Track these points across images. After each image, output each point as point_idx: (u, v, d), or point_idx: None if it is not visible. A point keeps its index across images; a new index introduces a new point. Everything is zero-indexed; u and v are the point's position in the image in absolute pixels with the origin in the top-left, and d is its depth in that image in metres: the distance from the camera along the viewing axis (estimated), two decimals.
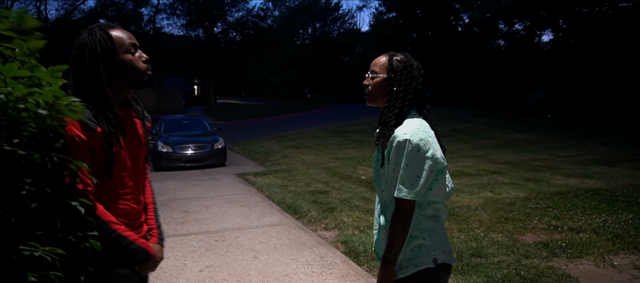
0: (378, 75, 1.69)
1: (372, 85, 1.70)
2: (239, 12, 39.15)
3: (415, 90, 1.66)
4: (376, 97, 1.71)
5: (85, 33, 1.46)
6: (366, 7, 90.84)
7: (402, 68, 1.67)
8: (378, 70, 1.70)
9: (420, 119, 1.64)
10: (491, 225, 4.96)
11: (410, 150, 1.54)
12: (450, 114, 22.28)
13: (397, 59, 1.70)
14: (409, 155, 1.54)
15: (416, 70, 1.68)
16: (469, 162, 10.18)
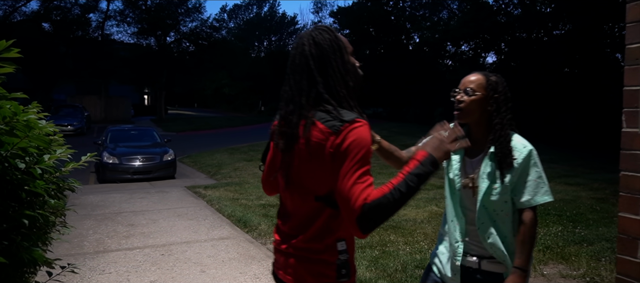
0: (475, 93, 1.76)
1: (469, 102, 1.76)
2: (193, 22, 38.61)
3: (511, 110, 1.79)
4: (471, 113, 1.77)
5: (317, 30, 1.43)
6: (321, 22, 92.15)
7: (503, 88, 1.78)
8: (475, 87, 1.76)
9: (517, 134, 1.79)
10: (435, 238, 5.18)
11: (537, 158, 1.72)
12: (401, 130, 22.96)
13: (494, 79, 1.80)
14: (538, 162, 1.72)
15: (510, 91, 1.81)
16: None
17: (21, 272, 1.35)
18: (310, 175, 1.28)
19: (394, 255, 4.53)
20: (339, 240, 1.30)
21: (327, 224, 1.29)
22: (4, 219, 1.20)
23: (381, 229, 5.53)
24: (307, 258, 1.31)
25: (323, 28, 1.40)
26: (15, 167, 1.40)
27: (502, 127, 1.73)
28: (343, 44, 1.38)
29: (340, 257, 1.29)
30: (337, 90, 1.31)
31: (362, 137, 1.21)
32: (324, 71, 1.32)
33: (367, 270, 4.13)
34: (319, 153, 1.25)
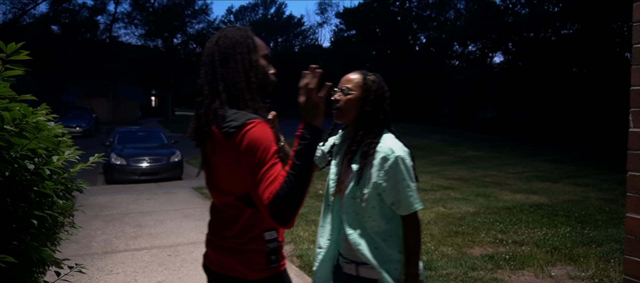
0: (351, 92, 1.70)
1: (345, 101, 1.70)
2: (199, 24, 38.78)
3: (387, 111, 1.74)
4: (348, 113, 1.71)
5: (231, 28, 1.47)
6: (327, 23, 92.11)
7: (377, 88, 1.72)
8: (352, 86, 1.71)
9: (390, 134, 1.71)
10: (442, 239, 5.16)
11: (404, 165, 1.61)
12: (408, 130, 22.88)
13: (372, 78, 1.74)
14: (405, 170, 1.61)
15: (387, 91, 1.76)
16: (424, 178, 10.50)
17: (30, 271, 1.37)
18: (226, 177, 1.33)
19: None
20: (266, 230, 1.37)
21: (251, 220, 1.35)
22: (13, 219, 1.22)
23: None
24: (236, 250, 1.37)
25: (238, 27, 1.44)
26: (25, 168, 1.42)
27: (370, 128, 1.68)
28: (254, 43, 1.41)
29: (269, 245, 1.37)
30: (235, 83, 1.34)
31: (255, 138, 1.23)
32: (225, 64, 1.36)
33: None
34: (223, 158, 1.31)
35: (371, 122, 1.69)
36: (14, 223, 1.21)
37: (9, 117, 1.28)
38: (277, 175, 1.20)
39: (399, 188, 1.60)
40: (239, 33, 1.42)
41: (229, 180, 1.34)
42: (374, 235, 1.67)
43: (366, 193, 1.64)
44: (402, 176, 1.61)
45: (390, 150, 1.62)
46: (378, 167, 1.62)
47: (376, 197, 1.65)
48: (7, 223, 1.20)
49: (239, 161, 1.26)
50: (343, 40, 39.76)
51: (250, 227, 1.36)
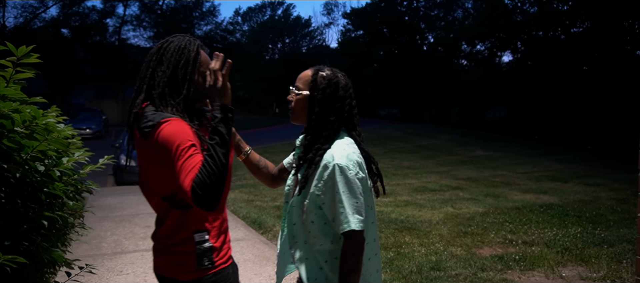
0: (301, 91, 1.54)
1: (295, 101, 1.55)
2: (207, 26, 38.98)
3: (340, 111, 1.51)
4: (299, 115, 1.55)
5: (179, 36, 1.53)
6: (334, 24, 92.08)
7: (327, 86, 1.51)
8: (302, 85, 1.54)
9: (348, 139, 1.51)
10: (451, 239, 5.13)
11: (342, 175, 1.40)
12: (416, 131, 22.81)
13: (323, 74, 1.54)
14: (344, 181, 1.39)
15: (343, 89, 1.53)
16: (432, 178, 10.45)
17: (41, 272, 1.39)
18: (152, 177, 1.36)
19: (409, 257, 4.50)
20: (196, 231, 1.36)
21: (179, 221, 1.35)
22: (24, 220, 1.24)
23: (396, 231, 5.50)
24: (167, 251, 1.38)
25: (190, 38, 1.48)
26: (35, 170, 1.44)
27: (318, 132, 1.50)
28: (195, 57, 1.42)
29: (200, 247, 1.35)
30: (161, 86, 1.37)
31: (170, 133, 1.26)
32: (157, 67, 1.41)
33: (382, 271, 4.11)
34: (146, 158, 1.34)
35: (319, 125, 1.50)
36: (25, 224, 1.23)
37: (20, 119, 1.30)
38: (196, 164, 1.20)
39: (335, 202, 1.40)
40: (184, 42, 1.45)
41: (154, 179, 1.35)
42: (316, 254, 1.49)
43: (306, 205, 1.47)
44: (338, 188, 1.39)
45: (331, 157, 1.42)
46: (317, 176, 1.44)
47: (315, 211, 1.47)
48: (18, 224, 1.21)
49: (161, 160, 1.27)
50: (350, 41, 39.77)
51: (179, 228, 1.35)
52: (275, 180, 1.81)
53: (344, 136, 1.51)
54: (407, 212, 6.61)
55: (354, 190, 1.40)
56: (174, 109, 1.35)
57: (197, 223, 1.36)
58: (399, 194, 8.25)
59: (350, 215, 1.37)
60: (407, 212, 6.66)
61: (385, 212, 6.66)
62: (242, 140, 1.74)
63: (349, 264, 1.39)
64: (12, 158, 1.35)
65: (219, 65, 1.32)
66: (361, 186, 1.42)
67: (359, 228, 1.38)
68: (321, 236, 1.47)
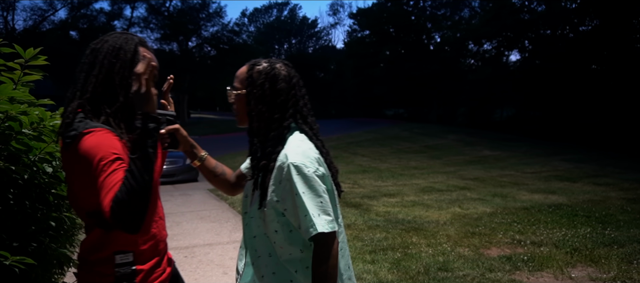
0: (238, 90, 1.39)
1: (235, 103, 1.40)
2: (214, 27, 39.13)
3: (284, 106, 1.35)
4: (243, 116, 1.39)
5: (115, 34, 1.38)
6: (340, 24, 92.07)
7: (264, 81, 1.35)
8: (238, 84, 1.39)
9: (300, 135, 1.35)
10: (458, 240, 5.10)
11: (300, 174, 1.24)
12: (422, 131, 22.74)
13: (259, 68, 1.37)
14: (302, 181, 1.24)
15: (284, 81, 1.36)
16: (440, 178, 10.41)
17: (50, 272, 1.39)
18: (76, 190, 1.22)
19: (416, 257, 4.48)
20: (118, 253, 1.22)
21: (101, 239, 1.22)
22: (32, 221, 1.24)
23: (403, 231, 5.48)
24: (85, 269, 1.25)
25: (128, 34, 1.34)
26: (43, 171, 1.45)
27: (265, 133, 1.35)
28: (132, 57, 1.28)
29: (120, 270, 1.22)
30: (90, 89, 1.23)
31: (91, 145, 1.12)
32: (90, 70, 1.26)
33: (389, 272, 4.10)
34: (69, 170, 1.21)
35: (265, 126, 1.35)
36: (33, 225, 1.24)
37: (27, 121, 1.31)
38: (118, 181, 1.07)
39: (296, 205, 1.24)
40: (119, 41, 1.29)
41: (78, 193, 1.21)
42: (286, 265, 1.33)
43: (266, 214, 1.31)
44: (297, 190, 1.23)
45: (285, 157, 1.27)
46: (274, 181, 1.28)
47: (277, 218, 1.31)
48: (26, 226, 1.22)
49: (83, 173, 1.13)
50: (356, 41, 39.76)
51: (99, 247, 1.22)
52: (234, 188, 1.65)
53: (295, 132, 1.35)
54: (414, 212, 6.58)
55: (315, 189, 1.24)
56: (109, 118, 1.21)
57: (123, 244, 1.22)
58: (406, 194, 8.22)
59: (315, 217, 1.22)
60: (414, 212, 6.63)
61: (392, 212, 6.65)
62: (197, 145, 1.59)
63: (322, 271, 1.23)
64: (21, 160, 1.36)
65: (143, 68, 1.15)
66: (323, 183, 1.27)
67: (328, 230, 1.22)
68: (288, 245, 1.31)
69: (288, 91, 1.35)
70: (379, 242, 5.06)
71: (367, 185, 9.48)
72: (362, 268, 4.18)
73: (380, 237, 5.27)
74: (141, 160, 1.07)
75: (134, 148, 1.09)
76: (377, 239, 5.16)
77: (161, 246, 1.34)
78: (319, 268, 1.23)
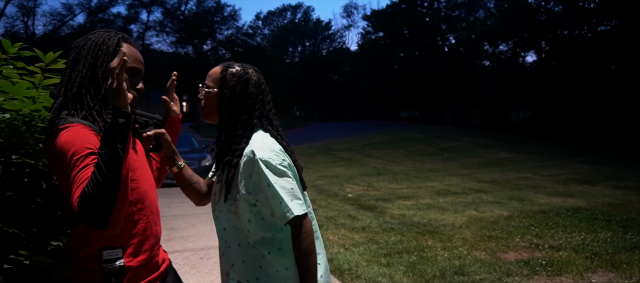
0: (210, 89, 1.49)
1: (204, 100, 1.50)
2: (228, 30, 39.47)
3: (251, 109, 1.46)
4: (209, 113, 1.50)
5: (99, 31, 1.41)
6: (353, 26, 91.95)
7: (236, 82, 1.46)
8: (211, 83, 1.49)
9: (264, 133, 1.45)
10: (474, 243, 5.04)
11: (268, 167, 1.35)
12: (437, 133, 22.56)
13: (232, 71, 1.48)
14: (270, 172, 1.35)
15: (254, 86, 1.48)
16: (455, 181, 10.30)
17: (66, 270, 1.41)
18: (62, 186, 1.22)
19: (431, 261, 4.43)
20: (106, 248, 1.23)
21: (86, 234, 1.22)
22: (51, 223, 1.26)
23: (418, 234, 5.44)
24: (77, 266, 1.25)
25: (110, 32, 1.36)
26: None
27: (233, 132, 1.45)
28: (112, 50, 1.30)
29: (108, 266, 1.22)
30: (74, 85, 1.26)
31: (66, 140, 1.14)
32: (74, 67, 1.29)
33: (405, 275, 4.06)
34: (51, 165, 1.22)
35: (232, 125, 1.45)
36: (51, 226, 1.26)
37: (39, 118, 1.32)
38: (88, 177, 1.08)
39: (269, 195, 1.35)
40: (102, 37, 1.33)
41: (63, 188, 1.22)
42: (258, 246, 1.41)
43: (238, 206, 1.40)
44: (268, 181, 1.34)
45: (252, 153, 1.36)
46: (242, 176, 1.38)
47: (249, 209, 1.40)
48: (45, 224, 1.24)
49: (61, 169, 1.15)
50: (370, 43, 39.66)
51: (85, 243, 1.22)
52: (204, 197, 1.70)
53: (259, 130, 1.46)
54: (429, 215, 6.53)
55: (284, 178, 1.36)
56: (92, 112, 1.24)
57: (108, 239, 1.23)
58: (421, 197, 8.16)
59: (289, 202, 1.33)
60: (430, 215, 6.57)
61: (407, 215, 6.60)
62: (178, 153, 1.63)
63: (303, 248, 1.34)
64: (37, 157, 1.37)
65: (116, 62, 1.15)
66: (290, 172, 1.39)
67: (301, 213, 1.34)
68: (262, 231, 1.41)
69: (256, 95, 1.47)
70: (394, 244, 5.02)
71: (382, 187, 9.44)
72: (377, 271, 4.16)
73: (395, 239, 5.23)
74: (108, 156, 1.06)
75: (102, 143, 1.08)
76: (392, 242, 5.12)
77: (151, 242, 1.35)
78: (301, 245, 1.34)
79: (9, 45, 1.30)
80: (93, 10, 34.31)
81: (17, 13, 33.55)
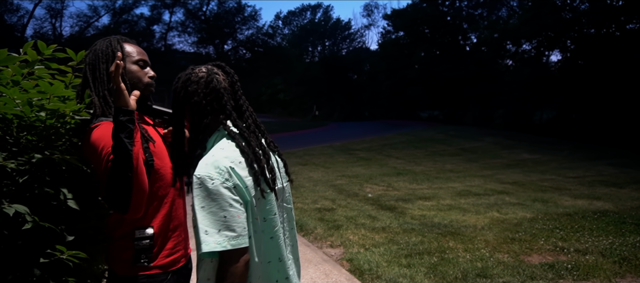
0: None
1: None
2: (248, 30, 39.84)
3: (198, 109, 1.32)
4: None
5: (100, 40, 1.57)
6: (374, 25, 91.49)
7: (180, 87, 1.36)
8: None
9: (223, 141, 1.29)
10: (497, 246, 4.96)
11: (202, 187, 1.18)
12: (458, 133, 22.28)
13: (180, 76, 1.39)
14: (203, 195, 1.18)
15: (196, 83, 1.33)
16: (476, 182, 10.16)
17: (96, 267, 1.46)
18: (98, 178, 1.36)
19: (453, 262, 4.39)
20: (138, 228, 1.36)
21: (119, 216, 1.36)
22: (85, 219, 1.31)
23: (439, 235, 5.38)
24: (111, 245, 1.39)
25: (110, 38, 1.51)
26: None
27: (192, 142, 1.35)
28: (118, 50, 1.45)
29: (139, 243, 1.35)
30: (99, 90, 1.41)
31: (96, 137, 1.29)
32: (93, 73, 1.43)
33: (426, 277, 4.03)
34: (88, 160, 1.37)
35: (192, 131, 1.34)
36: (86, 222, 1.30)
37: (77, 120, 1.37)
38: None
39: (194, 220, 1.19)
40: (105, 43, 1.48)
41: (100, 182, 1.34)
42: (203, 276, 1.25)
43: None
44: (196, 204, 1.17)
45: (198, 168, 1.22)
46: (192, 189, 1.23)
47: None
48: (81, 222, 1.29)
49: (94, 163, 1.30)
50: (391, 43, 39.40)
51: (119, 223, 1.37)
52: None
53: (222, 138, 1.30)
54: (450, 217, 6.45)
55: (218, 203, 1.16)
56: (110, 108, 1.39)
57: (139, 219, 1.37)
58: (442, 198, 8.07)
59: (204, 235, 1.14)
60: (451, 216, 6.50)
61: (428, 215, 6.54)
62: None
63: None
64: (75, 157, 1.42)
65: (113, 67, 1.28)
66: (234, 196, 1.19)
67: (222, 248, 1.13)
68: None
69: (198, 94, 1.31)
70: (414, 245, 4.99)
71: (402, 187, 9.37)
72: (398, 272, 4.13)
73: (416, 240, 5.19)
74: (117, 151, 1.19)
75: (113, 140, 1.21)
76: (412, 243, 5.09)
77: (175, 223, 1.47)
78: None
79: (44, 46, 1.36)
80: (117, 11, 35.06)
81: (46, 15, 34.55)
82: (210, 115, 1.31)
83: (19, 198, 1.15)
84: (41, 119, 1.28)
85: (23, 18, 34.44)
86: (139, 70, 1.51)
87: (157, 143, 1.47)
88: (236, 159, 1.23)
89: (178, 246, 1.46)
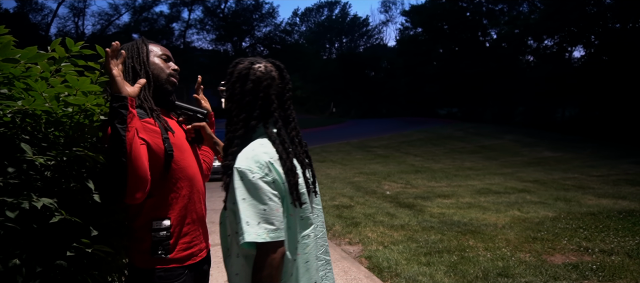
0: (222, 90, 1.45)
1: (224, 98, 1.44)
2: (266, 27, 40.03)
3: (251, 107, 1.31)
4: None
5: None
6: (391, 22, 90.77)
7: (235, 80, 1.34)
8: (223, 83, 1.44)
9: (261, 139, 1.30)
10: (518, 245, 4.88)
11: (243, 180, 1.20)
12: (477, 130, 22.01)
13: (238, 67, 1.37)
14: (243, 187, 1.20)
15: (254, 81, 1.32)
16: (497, 180, 10.02)
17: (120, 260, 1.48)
18: None
19: (473, 261, 4.33)
20: (156, 219, 1.38)
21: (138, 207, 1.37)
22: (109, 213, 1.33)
23: (459, 233, 5.32)
24: (130, 236, 1.39)
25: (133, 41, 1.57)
26: None
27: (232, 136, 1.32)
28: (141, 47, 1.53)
29: (157, 235, 1.37)
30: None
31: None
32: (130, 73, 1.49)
33: (446, 275, 3.99)
34: None
35: (233, 125, 1.33)
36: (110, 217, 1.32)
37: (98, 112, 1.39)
38: None
39: (235, 211, 1.21)
40: (131, 43, 1.56)
41: None
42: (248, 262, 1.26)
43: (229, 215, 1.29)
44: (238, 196, 1.19)
45: (238, 160, 1.23)
46: (230, 185, 1.25)
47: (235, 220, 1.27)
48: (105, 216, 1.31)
49: None
50: (409, 39, 39.10)
51: (138, 214, 1.38)
52: None
53: (261, 135, 1.31)
54: (470, 215, 6.37)
55: (258, 196, 1.18)
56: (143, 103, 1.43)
57: (156, 211, 1.39)
58: (461, 196, 7.98)
59: (245, 225, 1.16)
60: (470, 214, 6.42)
61: (447, 214, 6.47)
62: (220, 143, 1.63)
63: (256, 279, 1.19)
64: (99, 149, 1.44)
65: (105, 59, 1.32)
66: (273, 190, 1.21)
67: (262, 240, 1.16)
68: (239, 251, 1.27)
69: (255, 92, 1.31)
70: (433, 244, 4.94)
71: (420, 185, 9.30)
72: (417, 270, 4.10)
73: (435, 238, 5.14)
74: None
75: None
76: (432, 241, 5.04)
77: (193, 216, 1.48)
78: (255, 275, 1.20)
79: (72, 43, 1.38)
80: (137, 10, 35.60)
81: (69, 14, 35.34)
82: (257, 120, 1.31)
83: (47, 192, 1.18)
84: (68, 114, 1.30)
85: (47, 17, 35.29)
86: (162, 63, 1.57)
87: (178, 136, 1.50)
88: (274, 155, 1.26)
89: (196, 240, 1.46)
